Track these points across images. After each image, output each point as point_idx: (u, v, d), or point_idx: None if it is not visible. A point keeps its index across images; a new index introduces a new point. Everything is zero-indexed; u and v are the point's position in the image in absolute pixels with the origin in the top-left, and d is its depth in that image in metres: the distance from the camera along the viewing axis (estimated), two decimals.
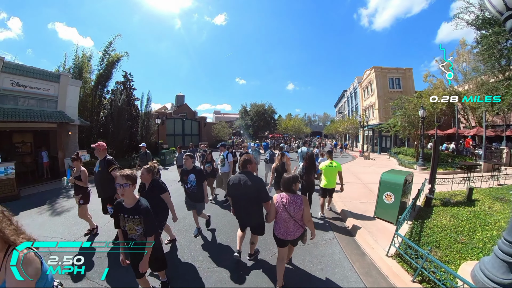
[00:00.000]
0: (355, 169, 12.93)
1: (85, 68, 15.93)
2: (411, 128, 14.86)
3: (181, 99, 58.07)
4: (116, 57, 17.24)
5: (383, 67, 27.16)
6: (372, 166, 14.74)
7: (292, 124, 34.68)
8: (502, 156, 14.98)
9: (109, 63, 16.97)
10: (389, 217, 5.32)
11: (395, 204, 5.25)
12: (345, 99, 46.29)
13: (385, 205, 5.44)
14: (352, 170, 12.67)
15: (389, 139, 26.98)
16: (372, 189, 8.32)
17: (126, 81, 19.12)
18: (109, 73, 17.07)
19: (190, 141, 29.79)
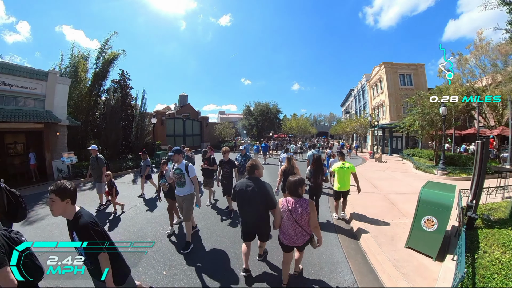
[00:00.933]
0: (368, 174, 11.68)
1: (80, 67, 15.17)
2: (430, 127, 13.51)
3: (184, 99, 57.29)
4: (112, 55, 16.54)
5: (393, 63, 25.70)
6: (386, 170, 13.47)
7: (297, 124, 33.47)
8: None
9: (105, 62, 16.30)
10: (427, 249, 4.07)
11: (438, 232, 3.99)
12: (352, 98, 44.79)
13: (424, 233, 4.16)
14: (365, 175, 11.42)
15: (400, 139, 25.54)
16: (394, 201, 7.11)
17: (122, 80, 18.39)
18: (105, 72, 16.43)
19: (192, 142, 29.16)
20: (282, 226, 2.92)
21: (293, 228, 2.81)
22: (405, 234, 4.55)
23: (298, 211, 2.76)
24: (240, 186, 3.28)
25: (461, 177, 11.41)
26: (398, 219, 5.67)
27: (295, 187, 2.84)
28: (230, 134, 30.49)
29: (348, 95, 48.50)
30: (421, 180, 10.58)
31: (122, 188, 8.85)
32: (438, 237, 3.95)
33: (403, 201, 7.14)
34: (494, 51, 16.42)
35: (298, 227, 2.78)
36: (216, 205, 6.96)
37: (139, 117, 16.79)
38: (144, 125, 16.91)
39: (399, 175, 11.90)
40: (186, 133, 28.06)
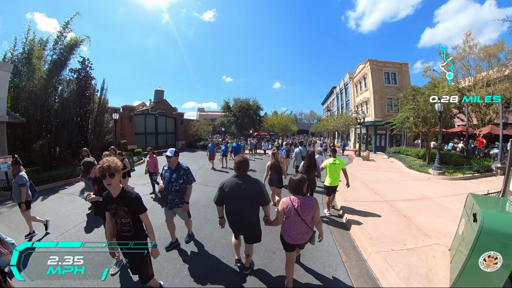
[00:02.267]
0: (362, 176, 10.31)
1: (35, 53, 12.51)
2: (423, 124, 12.50)
3: (160, 94, 53.79)
4: (74, 41, 13.97)
5: (378, 61, 25.02)
6: (378, 170, 12.24)
7: (279, 121, 32.02)
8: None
9: (65, 48, 13.74)
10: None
11: (501, 274, 2.62)
12: (334, 96, 44.31)
13: (481, 273, 2.72)
14: (359, 177, 10.04)
15: (384, 137, 24.93)
16: (405, 212, 5.67)
17: (82, 69, 15.80)
18: (65, 60, 13.85)
19: (165, 140, 26.67)
20: (287, 225, 2.86)
21: (299, 226, 2.80)
22: (440, 265, 3.51)
23: (305, 209, 2.75)
24: (229, 185, 3.01)
25: (458, 176, 10.53)
26: (422, 242, 4.25)
27: (301, 186, 2.80)
28: (207, 132, 28.33)
29: (330, 93, 48.06)
30: (420, 182, 9.50)
31: (63, 201, 7.06)
32: (500, 279, 2.62)
33: (414, 211, 5.78)
34: (481, 51, 16.28)
35: (304, 225, 2.79)
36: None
37: (97, 112, 14.23)
38: (103, 121, 14.38)
39: (394, 175, 10.68)
40: (159, 131, 25.44)
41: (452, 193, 7.66)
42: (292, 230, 2.83)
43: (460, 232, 3.65)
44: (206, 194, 7.43)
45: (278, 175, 5.84)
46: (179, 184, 3.80)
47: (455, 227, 4.82)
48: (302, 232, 2.82)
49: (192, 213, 5.55)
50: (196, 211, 5.75)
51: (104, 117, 14.61)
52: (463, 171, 11.00)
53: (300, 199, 2.78)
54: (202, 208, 6.08)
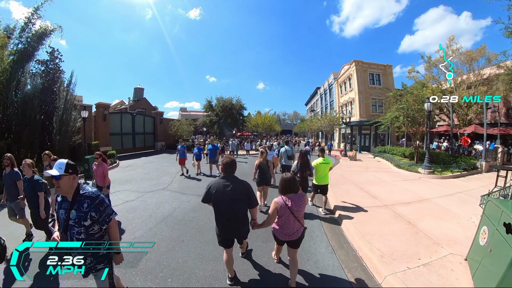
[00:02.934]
0: (353, 177, 9.80)
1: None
2: (412, 123, 12.28)
3: (139, 92, 51.61)
4: (43, 29, 12.36)
5: (364, 62, 25.09)
6: (367, 170, 11.83)
7: (262, 121, 31.35)
8: (497, 155, 13.37)
9: (33, 37, 12.13)
10: None
11: None
12: (318, 96, 44.43)
13: None
14: (350, 178, 9.53)
15: (368, 137, 24.99)
16: (408, 217, 5.13)
17: (50, 61, 14.10)
18: (32, 50, 12.27)
19: (143, 141, 25.15)
20: (281, 224, 2.84)
21: (292, 224, 2.80)
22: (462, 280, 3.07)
23: (298, 206, 2.77)
24: (216, 187, 2.86)
25: (447, 175, 10.43)
26: (436, 253, 3.74)
27: (292, 185, 2.82)
28: (189, 132, 27.04)
29: (314, 93, 48.20)
30: (412, 182, 9.15)
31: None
32: None
33: (417, 216, 5.30)
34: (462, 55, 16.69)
35: (297, 222, 2.80)
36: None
37: (63, 109, 12.70)
38: (69, 119, 12.87)
39: (385, 176, 10.29)
40: (136, 131, 23.85)
41: (447, 193, 7.37)
42: (285, 228, 2.83)
43: (482, 242, 3.16)
44: (182, 204, 6.40)
45: (266, 174, 5.97)
46: (85, 229, 2.18)
47: (463, 232, 4.37)
48: (295, 229, 2.82)
49: (162, 231, 4.75)
50: (167, 228, 4.81)
51: (71, 115, 13.09)
52: (451, 169, 10.89)
53: (292, 197, 2.79)
54: (176, 225, 5.00)
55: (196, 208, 6.01)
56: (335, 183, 8.28)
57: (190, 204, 6.41)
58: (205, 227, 4.80)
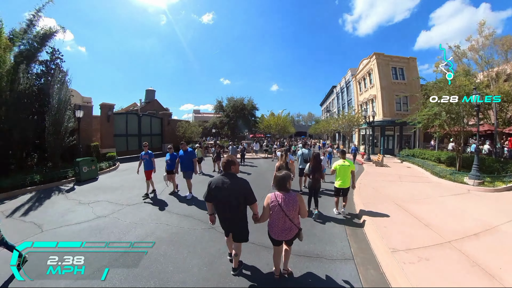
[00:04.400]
0: (388, 190, 7.80)
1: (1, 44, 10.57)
2: (456, 121, 10.12)
3: (151, 94, 51.44)
4: (46, 31, 12.46)
5: (385, 55, 22.75)
6: (401, 180, 9.72)
7: (276, 122, 29.52)
8: None
9: (36, 38, 12.33)
10: None
11: None
12: (334, 95, 42.05)
13: None
14: (385, 192, 7.56)
15: (392, 138, 22.58)
16: (490, 269, 3.28)
17: (50, 61, 13.68)
18: (35, 52, 12.41)
19: (150, 143, 24.06)
20: (271, 221, 2.94)
21: (282, 222, 2.85)
22: None
23: (288, 205, 2.81)
24: (215, 183, 3.09)
25: (501, 187, 8.26)
26: None
27: (284, 182, 2.89)
28: (197, 134, 25.72)
29: (330, 92, 45.82)
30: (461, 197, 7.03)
31: None
32: None
33: (497, 261, 3.53)
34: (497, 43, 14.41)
35: (288, 221, 2.84)
36: None
37: (56, 109, 11.73)
38: (62, 120, 11.86)
39: (425, 188, 8.27)
40: (143, 133, 22.81)
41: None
42: (276, 225, 2.90)
43: None
44: (159, 228, 4.98)
45: None
46: None
47: None
48: (286, 227, 2.87)
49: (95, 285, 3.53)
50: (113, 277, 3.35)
51: (65, 115, 12.09)
52: (504, 179, 8.70)
53: (284, 195, 2.86)
54: (131, 270, 3.49)
55: (174, 239, 4.50)
56: (369, 201, 6.44)
57: (169, 229, 4.92)
58: (172, 278, 3.31)
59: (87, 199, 7.31)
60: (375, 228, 4.58)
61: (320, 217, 5.47)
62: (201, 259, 3.75)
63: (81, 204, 6.82)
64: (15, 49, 11.90)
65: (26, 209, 6.51)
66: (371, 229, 4.63)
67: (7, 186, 8.33)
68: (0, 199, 7.53)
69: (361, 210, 5.79)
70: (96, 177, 10.95)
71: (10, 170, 10.58)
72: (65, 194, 8.09)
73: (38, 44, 12.52)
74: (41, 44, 12.63)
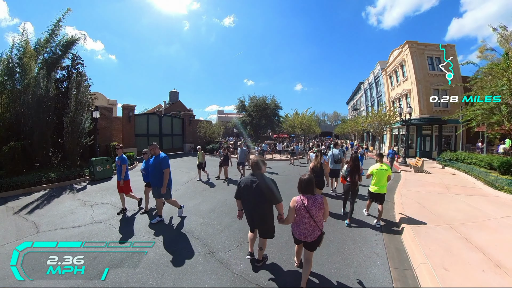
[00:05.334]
0: (436, 207, 6.28)
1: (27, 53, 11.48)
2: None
3: (175, 95, 52.41)
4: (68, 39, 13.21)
5: (419, 43, 20.36)
6: (449, 191, 8.04)
7: (300, 121, 28.14)
8: None
9: (59, 46, 13.13)
10: None
11: None
12: (361, 92, 39.45)
13: None
14: (432, 209, 6.08)
15: (429, 139, 20.20)
16: None
17: (71, 66, 14.23)
18: (59, 58, 13.23)
19: (171, 143, 24.13)
20: (297, 222, 2.98)
21: (308, 224, 2.89)
22: None
23: (315, 207, 2.85)
24: (245, 182, 3.28)
25: None
26: None
27: (309, 185, 2.94)
28: (218, 134, 25.24)
29: (357, 89, 43.15)
30: None
31: None
32: None
33: None
34: None
35: (313, 223, 2.88)
36: None
37: (74, 110, 11.98)
38: (79, 120, 12.03)
39: (481, 203, 6.59)
40: (164, 133, 22.85)
41: None
42: (301, 227, 2.94)
43: None
44: (142, 256, 4.17)
45: (319, 177, 5.76)
46: None
47: None
48: (311, 230, 2.89)
49: None
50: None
51: (82, 116, 12.24)
52: None
53: (310, 197, 2.91)
54: None
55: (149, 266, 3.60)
56: (417, 223, 5.06)
57: (152, 255, 4.01)
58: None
59: (92, 200, 7.26)
60: (430, 270, 3.28)
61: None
62: None
63: (85, 205, 6.72)
64: (40, 57, 12.55)
65: (33, 207, 6.63)
66: (426, 272, 3.29)
67: (24, 183, 8.65)
68: (17, 195, 7.94)
69: (408, 236, 4.49)
70: (111, 176, 10.93)
71: (34, 168, 11.03)
72: (75, 194, 8.15)
73: (62, 52, 13.23)
74: (65, 52, 13.38)
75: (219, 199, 7.28)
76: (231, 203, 6.55)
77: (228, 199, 7.09)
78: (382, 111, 21.17)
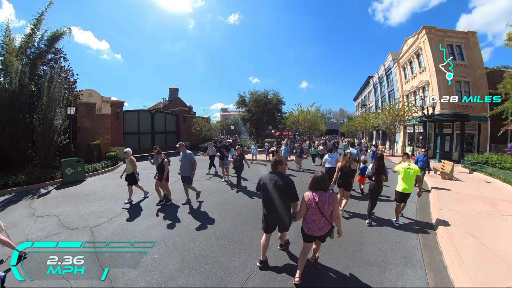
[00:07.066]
0: (491, 236, 4.40)
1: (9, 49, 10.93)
2: None
3: (174, 92, 50.84)
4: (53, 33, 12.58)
5: (437, 28, 18.15)
6: (499, 210, 6.04)
7: (304, 118, 26.15)
8: None
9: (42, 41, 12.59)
10: None
11: None
12: (370, 87, 37.14)
13: None
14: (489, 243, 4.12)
15: (449, 138, 18.05)
16: None
17: (53, 60, 13.44)
18: (42, 54, 12.63)
19: (164, 141, 22.45)
20: (307, 218, 3.07)
21: (318, 219, 2.98)
22: None
23: (325, 203, 2.92)
24: (264, 179, 3.37)
25: None
26: None
27: (322, 183, 3.00)
28: (215, 131, 23.50)
29: (365, 84, 40.80)
30: None
31: None
32: None
33: None
34: None
35: (323, 218, 2.97)
36: None
37: (46, 105, 10.57)
38: (50, 117, 10.57)
39: None
40: (156, 130, 21.22)
41: None
42: (311, 222, 3.03)
43: None
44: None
45: (347, 178, 5.65)
46: None
47: None
48: (321, 225, 3.00)
49: None
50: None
51: (54, 113, 10.71)
52: None
53: (321, 194, 2.98)
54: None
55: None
56: (484, 279, 3.15)
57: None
58: None
59: (45, 209, 6.30)
60: None
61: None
62: None
63: (32, 216, 5.83)
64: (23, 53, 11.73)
65: None
66: None
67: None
68: None
69: None
70: (84, 179, 9.98)
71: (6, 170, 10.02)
72: (33, 200, 7.20)
73: (47, 47, 12.69)
74: (50, 47, 12.80)
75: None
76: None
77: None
78: (396, 106, 19.06)
